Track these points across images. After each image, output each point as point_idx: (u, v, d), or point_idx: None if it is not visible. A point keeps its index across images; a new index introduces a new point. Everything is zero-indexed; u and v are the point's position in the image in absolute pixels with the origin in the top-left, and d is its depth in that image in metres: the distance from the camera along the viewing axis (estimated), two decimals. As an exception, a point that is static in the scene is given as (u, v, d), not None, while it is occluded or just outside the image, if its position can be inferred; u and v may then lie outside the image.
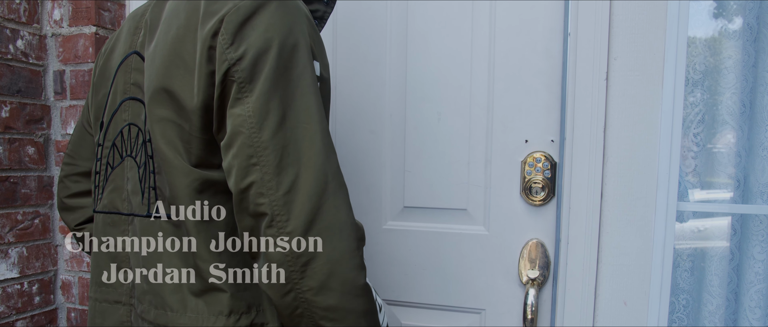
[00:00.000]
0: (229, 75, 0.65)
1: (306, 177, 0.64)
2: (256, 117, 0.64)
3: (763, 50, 1.08)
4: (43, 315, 1.41)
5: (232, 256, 0.73)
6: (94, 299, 0.85)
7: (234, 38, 0.65)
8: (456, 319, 1.29)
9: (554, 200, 1.18)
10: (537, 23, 1.18)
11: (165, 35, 0.72)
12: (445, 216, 1.28)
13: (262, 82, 0.64)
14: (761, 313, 1.11)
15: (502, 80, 1.21)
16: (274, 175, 0.63)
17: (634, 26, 1.07)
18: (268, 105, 0.64)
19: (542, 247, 1.20)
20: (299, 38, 0.67)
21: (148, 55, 0.74)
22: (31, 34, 1.36)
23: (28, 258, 1.36)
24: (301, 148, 0.65)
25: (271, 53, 0.65)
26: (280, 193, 0.63)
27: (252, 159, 0.64)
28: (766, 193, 1.09)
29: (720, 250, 1.14)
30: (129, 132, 0.79)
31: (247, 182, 0.64)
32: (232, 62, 0.64)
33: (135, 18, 0.82)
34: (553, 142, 1.18)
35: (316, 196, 0.64)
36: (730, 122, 1.11)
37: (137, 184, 0.77)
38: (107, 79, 0.83)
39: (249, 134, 0.64)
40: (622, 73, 1.08)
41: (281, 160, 0.64)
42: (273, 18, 0.66)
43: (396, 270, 1.32)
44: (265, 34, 0.65)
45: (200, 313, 0.72)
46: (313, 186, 0.64)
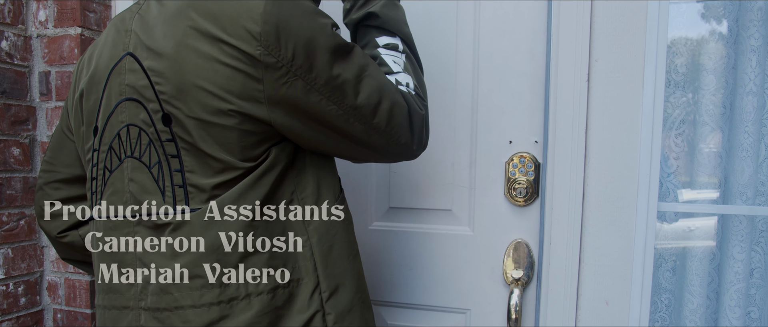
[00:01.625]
0: (289, 72, 0.71)
1: (397, 101, 0.81)
2: (334, 93, 0.74)
3: (742, 53, 1.09)
4: (29, 316, 1.41)
5: (268, 225, 0.78)
6: (103, 307, 0.85)
7: (279, 42, 0.70)
8: (441, 319, 1.30)
9: (538, 201, 1.19)
10: (521, 25, 1.18)
11: (172, 36, 0.73)
12: (430, 216, 1.29)
13: (321, 67, 0.73)
14: (741, 312, 1.12)
15: (487, 81, 1.21)
16: (372, 116, 0.78)
17: (615, 28, 1.07)
18: (337, 80, 0.74)
19: (526, 247, 1.20)
20: (324, 20, 0.75)
21: (154, 55, 0.75)
22: (16, 34, 1.35)
23: (13, 259, 1.36)
24: (381, 92, 0.79)
25: (316, 41, 0.72)
26: (384, 121, 0.80)
27: (349, 120, 0.76)
28: (745, 193, 1.10)
29: (701, 250, 1.15)
30: (127, 133, 0.79)
31: (353, 133, 0.78)
32: (286, 61, 0.71)
33: (122, 21, 0.82)
34: (536, 143, 1.19)
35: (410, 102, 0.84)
36: (711, 124, 1.12)
37: (151, 184, 0.77)
38: (98, 84, 0.82)
39: (338, 106, 0.75)
40: (603, 74, 1.09)
41: (375, 107, 0.78)
42: (298, 11, 0.72)
43: (382, 270, 1.32)
44: (301, 29, 0.72)
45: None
46: (405, 103, 0.83)
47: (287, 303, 0.78)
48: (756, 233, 1.12)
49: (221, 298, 0.76)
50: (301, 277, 0.79)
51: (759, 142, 1.09)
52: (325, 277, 0.80)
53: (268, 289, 0.77)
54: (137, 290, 0.80)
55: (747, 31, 1.08)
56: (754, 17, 1.07)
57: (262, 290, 0.77)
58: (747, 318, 1.13)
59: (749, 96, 1.08)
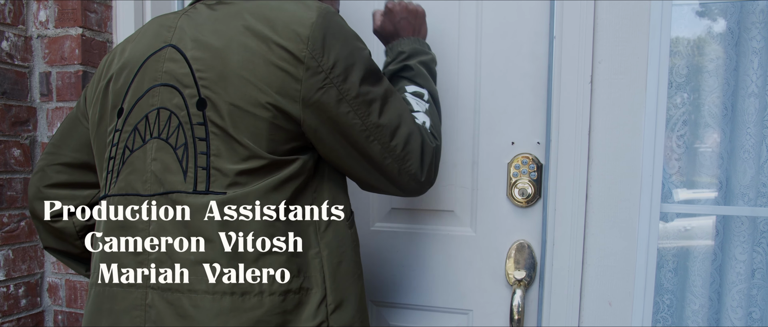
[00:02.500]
0: (327, 81, 0.77)
1: (411, 128, 0.87)
2: (363, 107, 0.81)
3: (744, 54, 1.09)
4: (30, 318, 1.40)
5: (289, 225, 0.80)
6: (101, 284, 0.84)
7: (323, 49, 0.77)
8: (443, 320, 1.30)
9: (540, 202, 1.19)
10: (523, 26, 1.19)
11: (225, 32, 0.79)
12: (432, 217, 1.29)
13: (356, 80, 0.79)
14: (743, 312, 1.13)
15: (489, 82, 1.22)
16: (389, 140, 0.84)
17: (618, 30, 1.08)
18: (367, 97, 0.81)
19: (529, 248, 1.21)
20: (360, 43, 0.83)
21: (200, 46, 0.79)
22: (16, 35, 1.35)
23: (14, 261, 1.35)
24: (402, 118, 0.85)
25: (355, 57, 0.80)
26: (398, 151, 0.85)
27: (370, 138, 0.82)
28: (747, 194, 1.11)
29: (703, 251, 1.16)
30: (157, 116, 0.82)
31: (371, 152, 0.83)
32: (328, 70, 0.77)
33: (166, 19, 0.87)
34: (539, 145, 1.19)
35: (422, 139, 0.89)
36: (713, 125, 1.13)
37: (175, 164, 0.79)
38: (130, 69, 0.86)
39: (362, 122, 0.81)
40: (606, 76, 1.09)
41: (393, 131, 0.84)
42: (341, 28, 0.80)
43: (384, 271, 1.32)
44: (345, 44, 0.79)
45: (257, 276, 0.78)
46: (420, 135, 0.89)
47: (296, 309, 0.80)
48: (758, 234, 1.12)
49: (234, 290, 0.77)
50: (311, 286, 0.81)
51: (761, 143, 1.10)
52: (333, 290, 0.83)
53: (281, 291, 0.78)
54: (148, 267, 0.80)
55: (749, 33, 1.08)
56: (756, 19, 1.08)
57: (275, 291, 0.78)
58: (749, 318, 1.13)
59: (751, 97, 1.09)
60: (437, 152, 0.91)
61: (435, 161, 0.90)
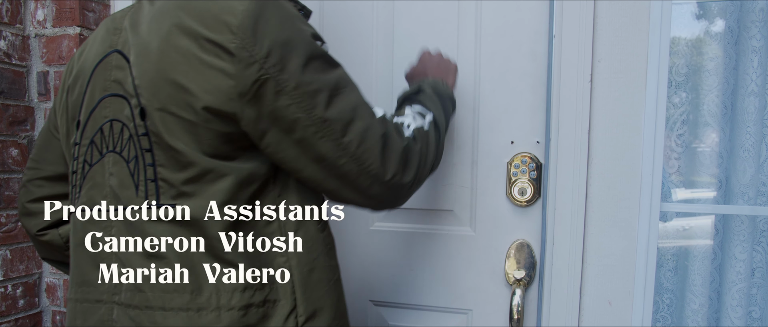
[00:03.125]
0: (262, 73, 0.70)
1: (370, 124, 0.78)
2: (306, 100, 0.72)
3: (744, 53, 1.09)
4: (28, 318, 1.40)
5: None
6: (74, 300, 0.84)
7: (255, 38, 0.70)
8: (443, 320, 1.29)
9: (540, 201, 1.19)
10: (522, 25, 1.18)
11: (157, 32, 0.74)
12: (431, 217, 1.28)
13: (295, 71, 0.71)
14: (742, 311, 1.13)
15: (488, 81, 1.21)
16: (341, 136, 0.75)
17: (618, 29, 1.08)
18: (310, 87, 0.72)
19: (528, 247, 1.20)
20: (304, 28, 0.75)
21: (138, 51, 0.75)
22: (13, 34, 1.34)
23: (12, 261, 1.35)
24: (355, 108, 0.77)
25: (293, 45, 0.72)
26: (352, 149, 0.76)
27: (317, 134, 0.73)
28: (747, 193, 1.11)
29: (702, 250, 1.16)
30: (110, 128, 0.79)
31: (322, 152, 0.75)
32: (262, 61, 0.70)
33: (113, 21, 0.83)
34: (538, 144, 1.19)
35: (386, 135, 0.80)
36: (712, 124, 1.12)
37: (128, 178, 0.77)
38: (83, 79, 0.83)
39: (308, 115, 0.72)
40: (606, 75, 1.09)
41: (345, 125, 0.75)
42: (279, 15, 0.72)
43: (383, 271, 1.32)
44: (280, 31, 0.71)
45: (216, 292, 0.75)
46: (380, 130, 0.80)
47: (260, 323, 0.77)
48: (757, 233, 1.12)
49: (190, 306, 0.75)
50: (278, 298, 0.78)
51: (760, 142, 1.09)
52: (303, 300, 0.79)
53: (241, 306, 0.75)
54: (112, 285, 0.79)
55: (748, 32, 1.08)
56: (756, 18, 1.08)
57: (233, 305, 0.75)
58: (748, 318, 1.13)
59: (751, 96, 1.09)
60: (409, 152, 0.81)
61: (407, 161, 0.81)
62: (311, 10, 0.94)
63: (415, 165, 0.82)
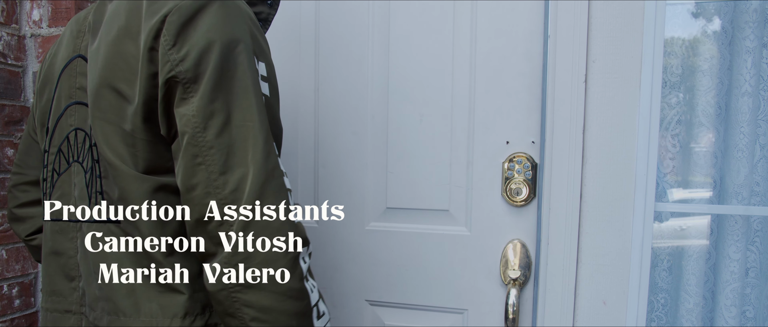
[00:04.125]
0: (173, 76, 0.65)
1: (251, 177, 0.65)
2: (200, 117, 0.65)
3: (737, 54, 1.10)
4: (24, 318, 1.39)
5: (186, 257, 0.74)
6: (46, 309, 0.84)
7: (176, 39, 0.65)
8: (439, 319, 1.30)
9: (535, 201, 1.19)
10: (517, 25, 1.19)
11: (107, 36, 0.72)
12: (427, 217, 1.29)
13: (205, 82, 0.65)
14: (736, 311, 1.13)
15: (484, 82, 1.22)
16: (219, 174, 0.65)
17: (612, 29, 1.08)
18: (212, 105, 0.65)
19: (523, 247, 1.21)
20: (241, 38, 0.68)
21: (90, 56, 0.74)
22: (9, 34, 1.34)
23: (7, 261, 1.35)
24: (246, 147, 0.66)
25: (214, 53, 0.66)
26: (226, 192, 0.65)
27: (197, 158, 0.65)
28: (741, 193, 1.11)
29: (697, 250, 1.16)
30: (75, 137, 0.78)
31: (194, 182, 0.65)
32: (176, 63, 0.65)
33: (77, 22, 0.81)
34: (533, 144, 1.19)
35: (265, 196, 0.66)
36: (707, 124, 1.13)
37: (84, 190, 0.76)
38: (51, 84, 0.82)
39: (193, 134, 0.65)
40: (600, 75, 1.09)
41: (227, 159, 0.65)
42: (214, 18, 0.67)
43: (379, 271, 1.32)
44: (207, 34, 0.66)
45: (154, 315, 0.72)
46: (256, 186, 0.65)
47: None
48: (751, 233, 1.12)
49: (136, 324, 0.73)
50: (218, 321, 0.75)
51: (754, 142, 1.10)
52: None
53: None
54: (79, 295, 0.79)
55: (742, 33, 1.09)
56: (749, 19, 1.08)
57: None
58: (743, 317, 1.13)
59: (745, 97, 1.09)
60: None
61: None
62: (271, 12, 0.90)
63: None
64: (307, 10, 1.33)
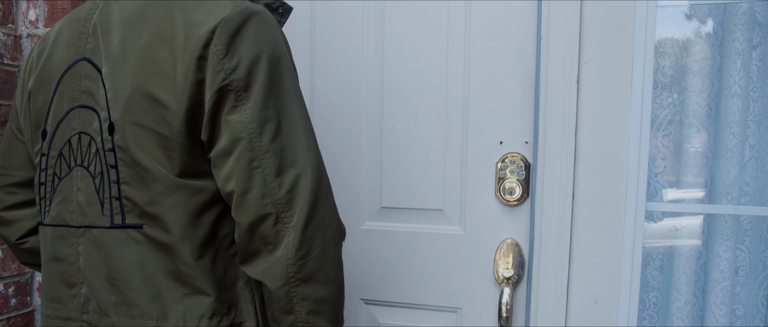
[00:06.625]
0: (227, 84, 0.68)
1: (303, 177, 0.71)
2: (256, 123, 0.69)
3: (727, 55, 1.11)
4: (20, 317, 1.40)
5: (214, 259, 0.75)
6: (46, 315, 0.83)
7: (227, 49, 0.68)
8: (433, 318, 1.31)
9: (529, 200, 1.21)
10: (511, 26, 1.20)
11: (135, 42, 0.72)
12: (421, 216, 1.30)
13: (257, 90, 0.69)
14: (726, 309, 1.15)
15: (477, 82, 1.23)
16: (275, 176, 0.70)
17: (604, 31, 1.09)
18: (266, 112, 0.70)
19: (517, 246, 1.22)
20: (283, 48, 0.74)
21: (111, 61, 0.73)
22: (5, 34, 1.35)
23: (3, 260, 1.35)
24: (296, 151, 0.71)
25: (263, 63, 0.70)
26: (282, 193, 0.70)
27: (253, 162, 0.69)
28: (731, 193, 1.13)
29: (688, 249, 1.17)
30: (78, 141, 0.76)
31: (250, 185, 0.69)
32: (229, 72, 0.68)
33: (77, 22, 0.79)
34: (527, 144, 1.20)
35: (314, 195, 0.71)
36: (698, 124, 1.14)
37: (93, 195, 0.75)
38: (48, 85, 0.79)
39: (250, 139, 0.69)
40: (592, 76, 1.10)
41: (281, 163, 0.70)
42: (259, 30, 0.71)
43: (374, 270, 1.33)
44: (255, 45, 0.70)
45: (182, 318, 0.73)
46: (311, 185, 0.71)
47: None
48: (741, 232, 1.14)
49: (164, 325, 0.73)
50: (243, 320, 0.77)
51: (743, 143, 1.11)
52: (263, 318, 0.79)
53: None
54: (80, 302, 0.78)
55: (732, 35, 1.10)
56: (739, 21, 1.09)
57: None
58: (732, 316, 1.15)
59: (734, 98, 1.10)
60: None
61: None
62: (282, 21, 0.91)
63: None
64: (303, 11, 1.33)
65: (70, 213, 0.78)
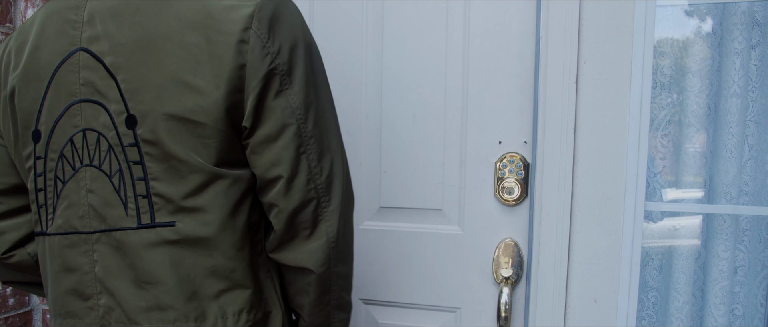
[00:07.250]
0: (274, 68, 0.68)
1: (336, 162, 0.74)
2: (302, 109, 0.70)
3: (726, 55, 1.11)
4: (18, 317, 1.40)
5: (254, 250, 0.75)
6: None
7: (269, 33, 0.68)
8: (432, 318, 1.31)
9: (527, 200, 1.21)
10: (510, 26, 1.20)
11: (156, 29, 0.67)
12: (420, 216, 1.30)
13: (299, 75, 0.70)
14: (725, 309, 1.15)
15: (476, 82, 1.23)
16: (317, 161, 0.71)
17: (603, 30, 1.09)
18: (308, 97, 0.70)
19: (516, 246, 1.22)
20: (311, 36, 0.75)
21: (120, 51, 0.68)
22: (3, 33, 1.34)
23: (1, 260, 1.35)
24: (330, 136, 0.74)
25: (300, 48, 0.71)
26: (323, 178, 0.72)
27: (301, 148, 0.70)
28: (730, 193, 1.13)
29: (687, 249, 1.17)
30: (83, 139, 0.70)
31: (298, 170, 0.70)
32: (274, 55, 0.68)
33: (67, 10, 0.72)
34: (526, 144, 1.20)
35: (345, 178, 0.75)
36: (696, 125, 1.14)
37: (113, 195, 0.69)
38: (38, 81, 0.72)
39: (298, 125, 0.69)
40: (591, 76, 1.10)
41: (321, 148, 0.72)
42: (291, 17, 0.71)
43: (373, 270, 1.33)
44: (291, 31, 0.70)
45: (222, 316, 0.71)
46: (342, 169, 0.75)
47: None
48: (740, 232, 1.14)
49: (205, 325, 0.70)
50: (271, 309, 0.77)
51: (742, 142, 1.11)
52: (285, 304, 0.80)
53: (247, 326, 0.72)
54: (98, 315, 0.72)
55: (731, 34, 1.10)
56: (738, 20, 1.09)
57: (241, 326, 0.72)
58: (731, 315, 1.15)
59: (733, 98, 1.10)
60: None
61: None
62: None
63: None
64: (302, 10, 1.33)
65: (80, 218, 0.72)
